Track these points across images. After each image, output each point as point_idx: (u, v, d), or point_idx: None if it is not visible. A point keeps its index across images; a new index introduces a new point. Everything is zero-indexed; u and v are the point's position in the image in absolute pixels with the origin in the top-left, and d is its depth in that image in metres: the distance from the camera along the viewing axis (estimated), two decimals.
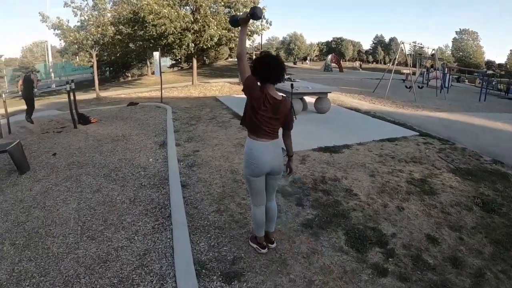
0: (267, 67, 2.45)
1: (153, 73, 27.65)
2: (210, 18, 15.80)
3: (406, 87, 17.22)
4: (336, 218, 3.64)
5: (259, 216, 2.83)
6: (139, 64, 34.92)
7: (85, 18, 15.18)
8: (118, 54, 20.64)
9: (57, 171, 4.92)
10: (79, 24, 15.71)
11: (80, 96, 18.17)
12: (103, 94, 18.37)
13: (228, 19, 2.95)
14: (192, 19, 15.80)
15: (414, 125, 8.66)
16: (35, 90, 9.62)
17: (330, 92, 9.79)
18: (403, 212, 3.88)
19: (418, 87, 17.67)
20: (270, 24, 18.17)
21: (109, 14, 16.57)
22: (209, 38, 15.85)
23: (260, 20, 17.45)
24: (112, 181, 4.45)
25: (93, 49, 15.94)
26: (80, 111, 8.42)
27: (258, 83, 2.48)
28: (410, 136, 7.33)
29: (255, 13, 2.34)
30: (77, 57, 16.78)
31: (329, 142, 6.25)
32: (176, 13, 15.03)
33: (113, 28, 15.52)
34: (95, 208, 3.78)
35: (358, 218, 3.69)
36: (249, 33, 17.92)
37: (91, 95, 17.82)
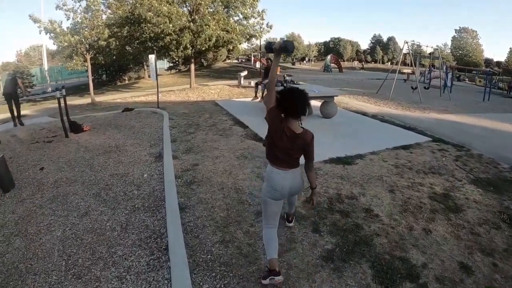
0: (292, 104, 2.46)
1: (150, 76, 27.16)
2: (209, 17, 15.26)
3: (412, 88, 16.80)
4: (359, 247, 3.17)
5: (269, 236, 2.71)
6: (136, 67, 34.37)
7: (78, 21, 14.62)
8: (114, 57, 20.04)
9: (43, 189, 4.42)
10: (71, 26, 15.12)
11: (76, 101, 17.75)
12: (99, 98, 17.86)
13: (264, 44, 2.98)
14: (189, 18, 15.27)
15: (425, 130, 8.31)
16: (19, 92, 9.73)
17: (337, 96, 9.31)
18: (431, 235, 3.47)
19: (424, 88, 17.26)
20: (271, 28, 17.72)
21: (104, 16, 16.03)
22: (207, 39, 15.30)
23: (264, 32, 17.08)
24: (102, 202, 3.95)
25: (87, 53, 15.41)
26: (72, 119, 7.93)
27: (282, 115, 2.50)
28: (423, 143, 6.99)
29: (286, 49, 2.45)
30: (72, 61, 16.15)
31: (340, 152, 5.79)
32: (175, 11, 14.52)
33: (107, 31, 14.98)
34: (82, 236, 3.28)
35: (383, 245, 3.23)
36: (248, 36, 17.46)
37: (86, 100, 17.30)
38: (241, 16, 17.06)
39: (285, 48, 2.44)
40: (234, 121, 8.47)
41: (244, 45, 18.76)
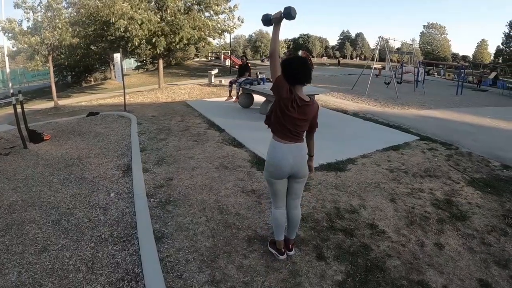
0: (297, 69, 2.43)
1: (116, 77, 25.83)
2: (181, 18, 14.38)
3: (385, 83, 16.76)
4: (372, 274, 2.70)
5: (279, 217, 2.75)
6: (101, 67, 32.62)
7: (38, 20, 13.36)
8: (78, 57, 18.70)
9: None
10: (31, 25, 13.80)
11: (39, 105, 16.42)
12: (63, 102, 16.57)
13: (261, 17, 2.46)
14: (158, 19, 14.32)
15: (410, 127, 8.20)
16: None
17: (318, 94, 8.85)
18: (444, 250, 3.11)
19: (398, 82, 17.31)
20: (242, 22, 17.08)
21: (66, 15, 14.77)
22: (181, 39, 14.45)
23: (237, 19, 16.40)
24: (63, 233, 3.24)
25: (49, 54, 14.19)
26: (32, 127, 7.03)
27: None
28: (411, 142, 6.78)
29: (290, 14, 2.30)
30: (32, 62, 14.73)
31: (330, 157, 5.32)
32: (146, 15, 13.56)
33: (70, 29, 13.81)
34: (41, 281, 2.58)
35: (398, 268, 2.80)
36: (220, 31, 16.71)
37: (50, 104, 15.98)
38: (212, 13, 16.30)
39: (289, 15, 2.30)
40: (209, 123, 7.82)
41: (215, 42, 17.94)
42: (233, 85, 10.59)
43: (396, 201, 4.04)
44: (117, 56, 10.27)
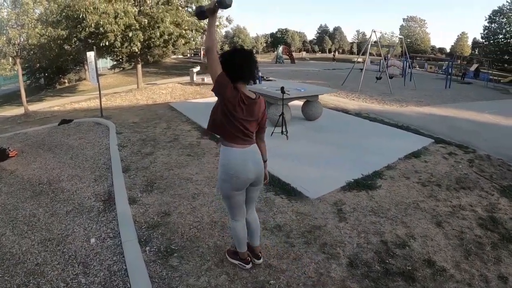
0: (239, 64, 2.15)
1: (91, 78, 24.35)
2: (162, 8, 13.23)
3: (376, 78, 16.32)
4: None
5: (240, 230, 2.51)
6: (76, 67, 30.77)
7: (3, 17, 12.02)
8: (51, 58, 17.15)
9: None
10: None
11: (8, 111, 15.14)
12: (34, 107, 15.22)
13: (194, 11, 1.82)
14: (136, 11, 13.12)
15: (419, 128, 7.73)
16: None
17: (322, 94, 8.09)
18: (509, 283, 2.64)
19: (378, 77, 16.87)
20: (230, 22, 16.15)
21: (37, 11, 13.41)
22: (160, 34, 13.29)
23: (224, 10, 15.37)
24: None
25: (17, 56, 12.87)
26: None
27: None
28: (429, 146, 6.26)
29: (222, 1, 2.03)
30: None
31: (354, 171, 4.59)
32: (122, 6, 12.37)
33: (40, 26, 12.52)
34: None
35: None
36: (202, 31, 15.58)
37: (20, 110, 14.61)
38: (194, 8, 15.18)
39: (222, 2, 2.03)
40: (200, 131, 6.86)
41: (197, 40, 16.77)
42: None
43: (443, 224, 3.46)
44: (90, 55, 9.15)
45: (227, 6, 2.07)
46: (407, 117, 9.04)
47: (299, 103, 7.93)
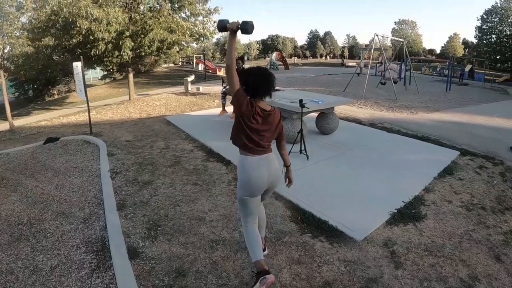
0: (256, 83, 2.32)
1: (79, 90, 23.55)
2: (149, 15, 12.57)
3: (381, 83, 15.96)
4: None
5: (255, 234, 2.46)
6: (65, 78, 29.86)
7: None
8: (37, 69, 16.32)
9: None
10: None
11: None
12: (21, 121, 14.34)
13: (216, 23, 2.52)
14: (126, 19, 12.41)
15: (439, 138, 7.20)
16: None
17: (338, 105, 7.42)
18: None
19: (382, 82, 16.51)
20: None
21: (23, 19, 12.69)
22: (153, 41, 12.58)
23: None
24: None
25: (1, 68, 12.14)
26: None
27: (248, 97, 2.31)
28: (456, 159, 5.72)
29: (247, 30, 2.21)
30: None
31: (394, 199, 3.96)
32: (114, 12, 11.64)
33: (24, 35, 11.81)
34: None
35: None
36: (197, 36, 14.91)
37: (6, 125, 13.79)
38: (188, 13, 14.49)
39: (245, 30, 2.19)
40: (204, 151, 6.14)
41: (193, 45, 16.04)
42: (227, 96, 9.05)
43: (501, 258, 3.01)
44: (77, 65, 8.29)
45: (248, 33, 2.21)
46: (421, 125, 8.54)
47: (312, 114, 7.24)
